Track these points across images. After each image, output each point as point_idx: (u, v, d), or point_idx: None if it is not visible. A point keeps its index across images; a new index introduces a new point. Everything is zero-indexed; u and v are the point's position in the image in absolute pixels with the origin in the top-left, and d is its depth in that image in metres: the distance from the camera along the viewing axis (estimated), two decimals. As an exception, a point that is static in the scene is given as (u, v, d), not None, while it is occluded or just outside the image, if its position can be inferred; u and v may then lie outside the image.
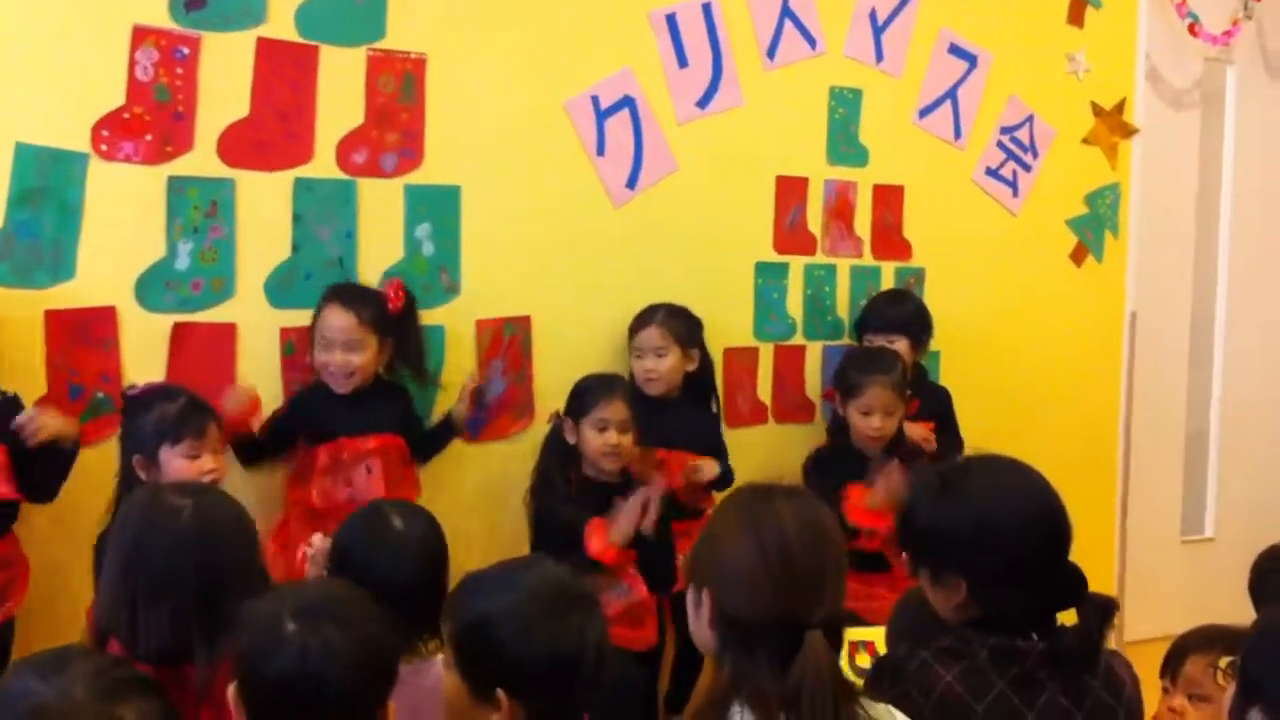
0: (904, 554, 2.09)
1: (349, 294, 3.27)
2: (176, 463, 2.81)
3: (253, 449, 3.22)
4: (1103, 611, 1.94)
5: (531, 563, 1.96)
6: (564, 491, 3.35)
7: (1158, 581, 4.82)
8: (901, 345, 3.92)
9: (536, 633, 1.79)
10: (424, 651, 2.24)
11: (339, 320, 3.21)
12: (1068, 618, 1.97)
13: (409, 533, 2.36)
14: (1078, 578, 1.98)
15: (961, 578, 1.94)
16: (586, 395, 3.39)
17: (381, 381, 3.33)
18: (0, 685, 1.55)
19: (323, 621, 1.72)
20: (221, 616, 1.87)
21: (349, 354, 3.22)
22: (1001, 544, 1.93)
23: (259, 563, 2.26)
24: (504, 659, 1.79)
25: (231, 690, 1.74)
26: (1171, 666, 2.51)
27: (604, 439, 3.34)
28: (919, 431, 3.86)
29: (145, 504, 2.16)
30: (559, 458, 3.40)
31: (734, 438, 3.84)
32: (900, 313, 4.03)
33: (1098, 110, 4.60)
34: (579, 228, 3.69)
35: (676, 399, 3.67)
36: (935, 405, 4.04)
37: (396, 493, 3.20)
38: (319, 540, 2.46)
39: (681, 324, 3.67)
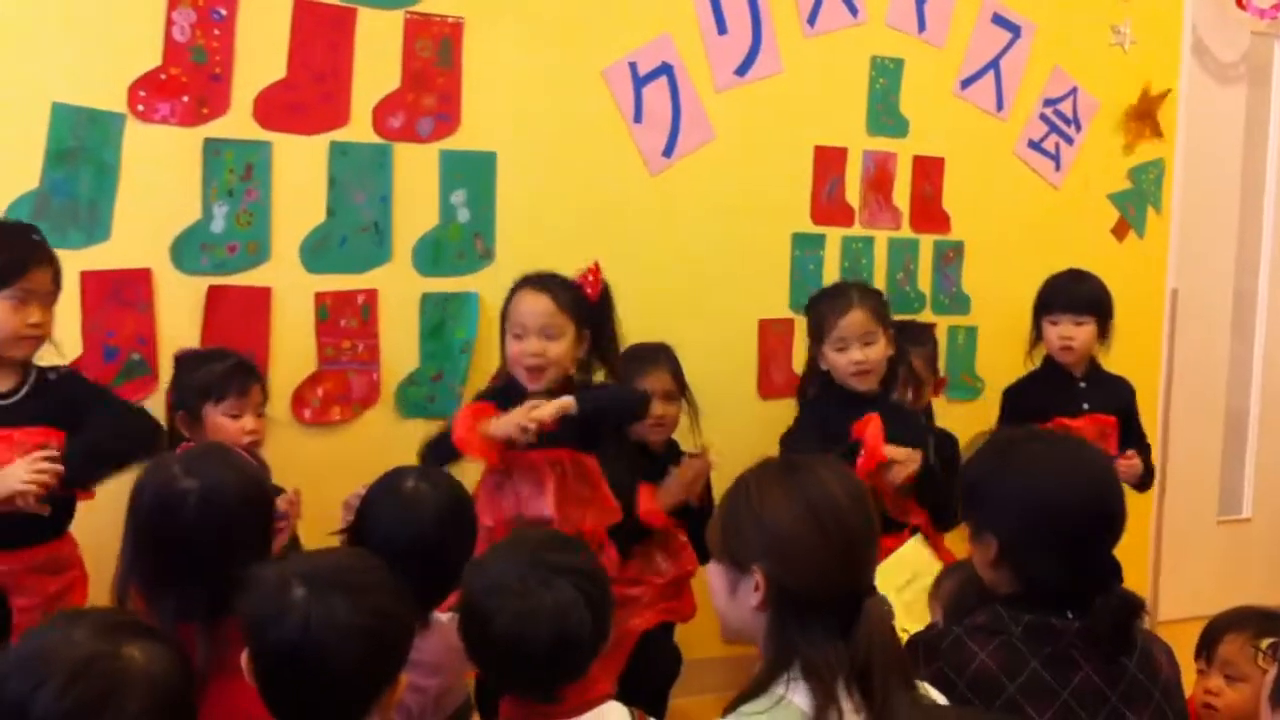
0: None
1: (540, 278, 3.02)
2: (218, 421, 2.83)
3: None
4: (1129, 605, 1.92)
5: (500, 553, 1.97)
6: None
7: (1193, 561, 4.78)
8: (1089, 330, 3.64)
9: (499, 641, 1.85)
10: (429, 617, 2.19)
11: (533, 304, 2.95)
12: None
13: (418, 494, 2.29)
14: (1114, 570, 1.95)
15: (994, 538, 1.93)
16: (630, 365, 3.26)
17: (572, 382, 2.98)
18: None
19: (331, 590, 1.70)
20: (227, 595, 1.83)
21: (545, 341, 2.93)
22: (1039, 516, 1.91)
23: (269, 538, 2.20)
24: (478, 659, 1.92)
25: (245, 656, 1.73)
26: (1206, 647, 2.49)
27: (650, 411, 3.26)
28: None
29: (155, 486, 2.11)
30: None
31: (767, 409, 3.82)
32: (1088, 290, 3.70)
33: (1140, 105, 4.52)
34: (615, 195, 3.67)
35: (880, 394, 3.29)
36: (1117, 399, 3.71)
37: (569, 515, 2.89)
38: (354, 499, 2.42)
39: (880, 302, 3.33)
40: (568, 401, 2.84)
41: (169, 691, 1.52)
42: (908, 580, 2.73)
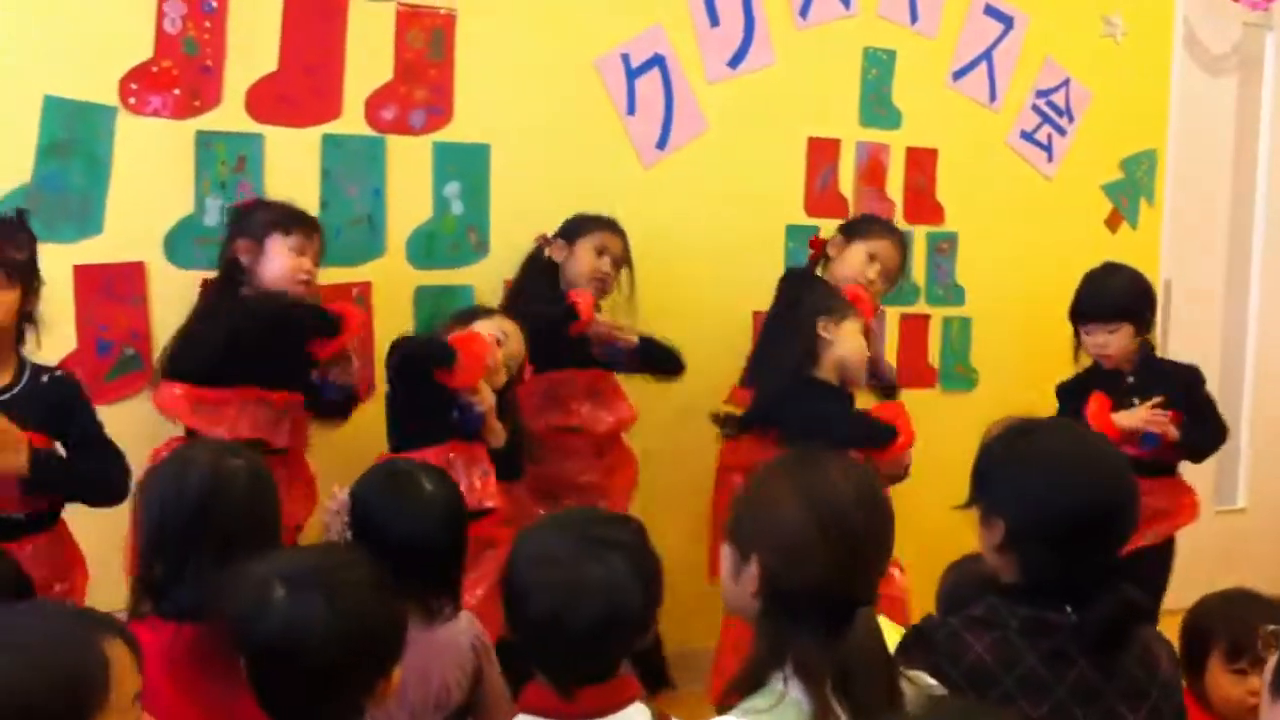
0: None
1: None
2: (282, 252, 2.96)
3: None
4: (1130, 608, 1.89)
5: (550, 526, 1.90)
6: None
7: (1188, 552, 4.76)
8: (1123, 334, 3.52)
9: (542, 614, 1.74)
10: (442, 614, 2.18)
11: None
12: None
13: (435, 494, 2.27)
14: (1114, 571, 1.93)
15: (1002, 520, 1.91)
16: (582, 224, 3.43)
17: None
18: None
19: (310, 590, 1.70)
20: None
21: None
22: (1038, 508, 1.88)
23: (274, 525, 2.14)
24: (517, 631, 1.79)
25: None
26: (1249, 649, 2.37)
27: (598, 264, 3.39)
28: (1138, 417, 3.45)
29: (167, 465, 2.11)
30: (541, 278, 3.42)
31: (762, 401, 3.81)
32: (1114, 297, 3.56)
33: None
34: (608, 188, 3.65)
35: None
36: (1170, 388, 3.56)
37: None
38: (339, 493, 2.36)
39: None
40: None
41: None
42: None
